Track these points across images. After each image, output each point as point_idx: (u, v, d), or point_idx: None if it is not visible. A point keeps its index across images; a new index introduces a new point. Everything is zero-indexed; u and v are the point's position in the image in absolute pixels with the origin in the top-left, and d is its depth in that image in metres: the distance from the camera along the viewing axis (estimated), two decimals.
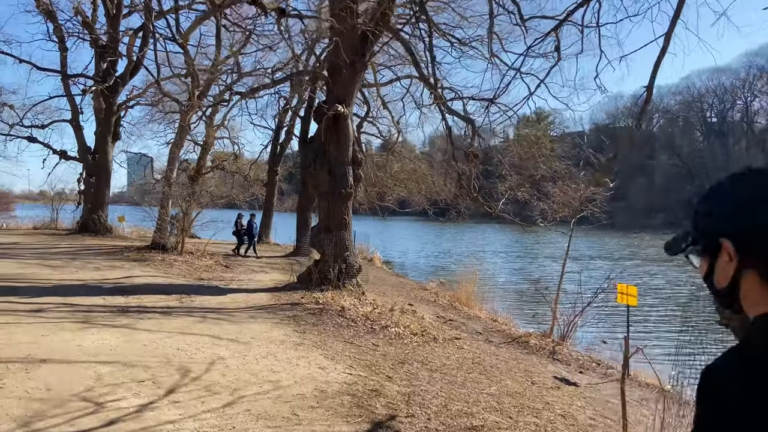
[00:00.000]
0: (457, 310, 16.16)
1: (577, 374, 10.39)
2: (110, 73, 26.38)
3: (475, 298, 18.50)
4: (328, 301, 12.36)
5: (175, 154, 19.33)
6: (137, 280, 13.42)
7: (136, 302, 10.86)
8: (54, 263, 15.31)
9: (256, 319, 10.17)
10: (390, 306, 13.55)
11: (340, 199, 14.40)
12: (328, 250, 14.26)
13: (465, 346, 10.59)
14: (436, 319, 13.95)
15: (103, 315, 9.45)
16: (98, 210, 26.34)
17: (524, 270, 27.52)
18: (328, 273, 13.99)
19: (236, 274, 16.88)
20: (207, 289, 13.32)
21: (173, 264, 16.61)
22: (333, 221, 14.46)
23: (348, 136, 14.59)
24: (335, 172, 14.41)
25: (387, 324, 10.83)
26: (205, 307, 10.98)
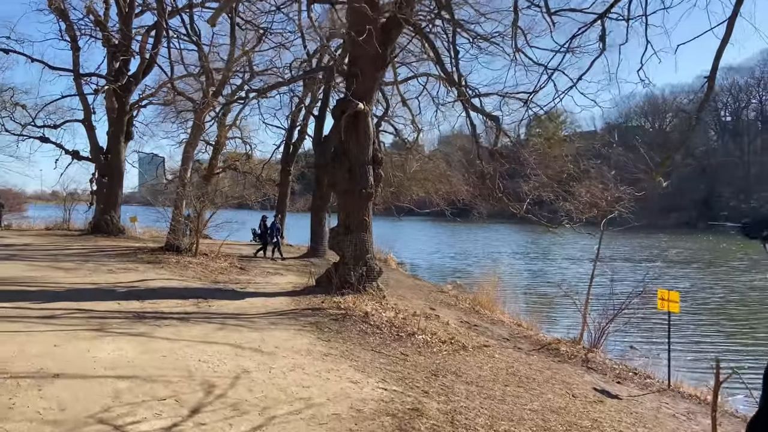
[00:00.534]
0: (479, 315, 15.59)
1: (615, 385, 9.80)
2: (123, 72, 26.00)
3: (496, 301, 17.95)
4: (350, 306, 11.84)
5: (190, 153, 18.89)
6: (152, 284, 12.95)
7: (152, 307, 10.38)
8: (66, 265, 14.89)
9: (277, 326, 9.66)
10: (412, 311, 13.01)
11: (360, 199, 13.88)
12: (348, 252, 13.74)
13: (496, 355, 10.03)
14: (460, 324, 13.40)
15: (119, 322, 8.97)
16: (111, 210, 25.99)
17: (543, 272, 26.89)
18: (349, 276, 13.47)
19: (252, 277, 16.40)
20: (224, 293, 12.83)
21: (188, 266, 16.15)
22: (353, 222, 13.94)
23: (368, 134, 14.06)
24: (355, 171, 13.89)
25: (413, 331, 10.29)
26: (223, 313, 10.48)
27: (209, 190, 19.08)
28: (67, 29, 26.86)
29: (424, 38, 14.03)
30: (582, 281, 24.28)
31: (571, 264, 29.92)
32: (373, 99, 14.32)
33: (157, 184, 41.84)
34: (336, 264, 14.17)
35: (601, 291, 20.67)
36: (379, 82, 14.48)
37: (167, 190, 35.57)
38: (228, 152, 35.68)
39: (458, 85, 13.47)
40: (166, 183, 36.07)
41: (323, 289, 13.70)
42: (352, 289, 13.35)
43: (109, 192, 26.33)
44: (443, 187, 21.52)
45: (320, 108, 27.01)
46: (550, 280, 24.48)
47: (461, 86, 13.64)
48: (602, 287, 20.80)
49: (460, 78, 13.65)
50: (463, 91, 13.68)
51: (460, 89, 13.59)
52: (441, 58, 13.88)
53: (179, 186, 18.73)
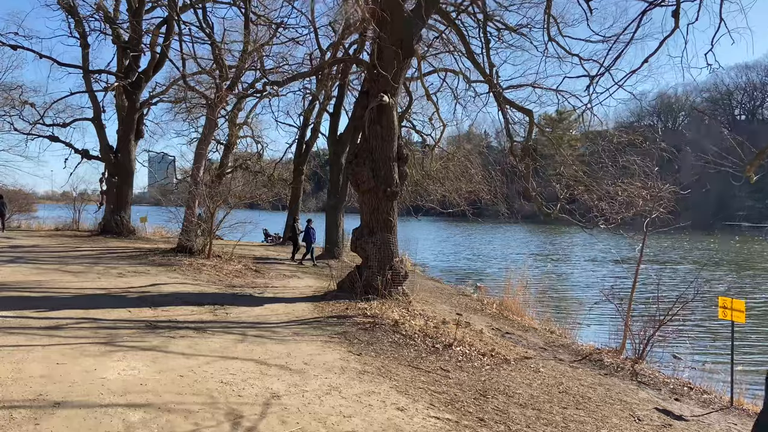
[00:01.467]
0: (509, 321, 14.65)
1: (673, 402, 8.84)
2: (133, 68, 25.22)
3: (523, 305, 17.01)
4: (377, 314, 10.94)
5: (202, 150, 18.04)
6: (165, 288, 12.10)
7: (165, 316, 9.51)
8: (74, 268, 14.07)
9: (302, 337, 8.76)
10: (441, 317, 12.10)
11: (384, 198, 12.97)
12: (372, 254, 12.84)
13: (541, 369, 9.09)
14: (492, 332, 12.47)
15: (130, 333, 8.10)
16: (121, 211, 25.22)
17: (566, 274, 25.85)
18: (374, 280, 12.57)
19: (269, 280, 15.53)
20: (241, 298, 11.95)
21: (201, 269, 15.29)
22: (377, 223, 13.04)
23: (393, 129, 13.14)
24: (379, 169, 12.98)
25: (449, 342, 9.36)
26: (242, 322, 9.60)
27: (223, 189, 18.17)
28: (76, 26, 26.14)
29: (452, 26, 13.09)
30: (607, 284, 23.28)
31: (595, 266, 28.87)
32: (398, 91, 13.39)
33: (167, 184, 41.14)
34: (359, 267, 13.26)
35: (637, 295, 19.62)
36: (405, 72, 13.55)
37: (177, 189, 34.84)
38: (239, 152, 34.91)
39: (490, 77, 12.53)
40: (177, 183, 35.32)
41: (346, 294, 12.80)
42: (377, 294, 12.45)
43: (119, 192, 25.56)
44: (464, 186, 20.54)
45: (335, 105, 26.18)
46: (575, 282, 23.47)
47: (493, 78, 12.69)
48: (634, 292, 19.72)
49: (491, 68, 12.71)
50: (494, 83, 12.74)
51: (491, 81, 12.64)
52: (471, 48, 12.93)
53: (192, 185, 17.89)
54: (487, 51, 12.48)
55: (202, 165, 18.15)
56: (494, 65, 12.84)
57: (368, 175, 12.89)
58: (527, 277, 21.18)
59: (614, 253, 35.35)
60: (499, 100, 12.82)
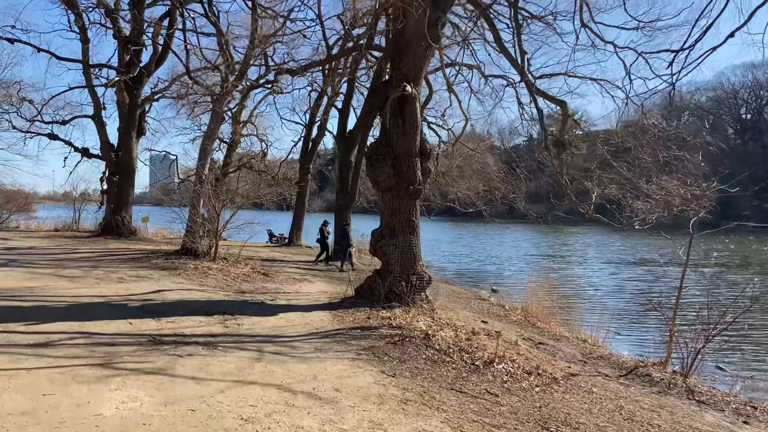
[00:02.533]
0: (538, 329, 13.59)
1: (744, 427, 7.79)
2: (134, 63, 24.15)
3: (548, 311, 15.93)
4: (402, 324, 9.89)
5: (208, 146, 16.95)
6: (169, 295, 11.02)
7: (170, 328, 8.44)
8: (71, 273, 13.00)
9: (326, 354, 7.69)
10: (470, 326, 11.04)
11: (406, 196, 11.90)
12: (393, 258, 11.77)
13: (593, 388, 8.02)
14: (524, 342, 11.41)
15: (131, 351, 7.03)
16: (122, 211, 24.14)
17: (585, 276, 24.74)
18: (396, 286, 11.50)
19: (279, 285, 14.46)
20: (253, 306, 10.87)
21: (207, 273, 14.22)
22: (398, 223, 11.97)
23: (416, 122, 12.08)
24: (401, 165, 11.92)
25: (488, 357, 8.29)
26: (257, 335, 8.53)
27: (231, 188, 17.11)
28: (75, 20, 25.03)
29: (482, 12, 12.02)
30: (631, 287, 22.19)
31: (614, 268, 27.77)
32: (420, 81, 12.33)
33: (169, 183, 40.02)
34: (378, 271, 12.19)
35: (659, 300, 18.50)
36: (429, 61, 12.48)
37: (180, 189, 33.73)
38: (242, 151, 33.81)
39: (522, 66, 11.46)
40: (179, 182, 34.19)
41: (365, 300, 11.73)
42: (399, 300, 11.39)
43: (120, 191, 24.50)
44: (480, 185, 19.45)
45: (344, 101, 25.18)
46: (597, 286, 22.37)
47: (525, 67, 11.63)
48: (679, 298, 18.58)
49: (523, 56, 11.64)
50: (526, 73, 11.67)
51: (523, 70, 11.56)
52: (500, 35, 11.86)
53: (196, 183, 16.81)
54: (518, 38, 11.42)
55: (208, 162, 17.07)
56: (526, 52, 11.77)
57: (389, 171, 11.82)
58: (549, 280, 20.16)
59: (631, 255, 34.34)
60: (531, 91, 11.76)
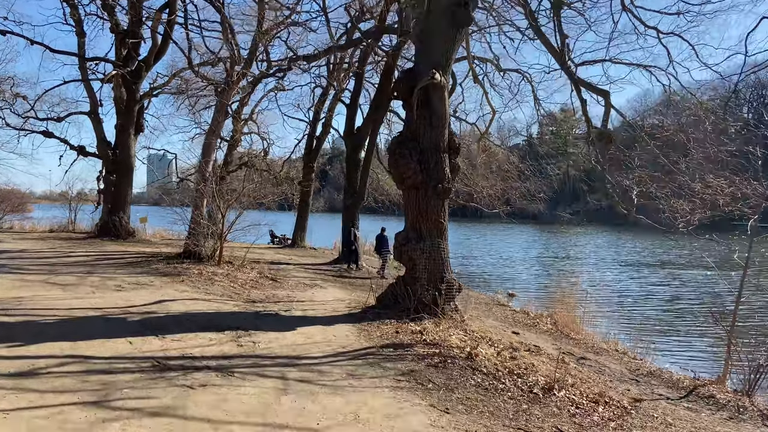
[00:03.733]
0: (573, 341, 12.42)
1: None
2: (132, 57, 22.90)
3: (576, 319, 14.77)
4: (437, 340, 8.73)
5: (212, 142, 15.73)
6: (173, 307, 9.80)
7: (177, 348, 7.24)
8: (64, 280, 11.78)
9: (360, 380, 6.51)
10: (506, 340, 9.89)
11: (434, 195, 10.72)
12: (420, 263, 10.58)
13: (669, 419, 6.87)
14: (567, 356, 10.25)
15: (131, 381, 5.84)
16: (119, 211, 22.89)
17: (608, 280, 23.54)
18: (424, 296, 10.33)
19: (290, 292, 13.27)
20: (267, 319, 9.67)
21: (213, 279, 13.01)
22: (425, 225, 10.78)
23: (444, 113, 10.90)
24: (428, 161, 10.74)
25: (546, 383, 7.11)
26: (276, 356, 7.34)
27: (235, 187, 15.91)
28: (71, 12, 23.78)
29: None
30: (655, 291, 21.01)
31: (634, 270, 26.60)
32: (449, 68, 11.14)
33: (168, 183, 38.77)
34: (403, 278, 11.00)
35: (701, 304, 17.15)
36: (458, 46, 11.31)
37: (178, 188, 32.47)
38: (243, 150, 32.54)
39: (562, 51, 10.30)
40: (178, 182, 32.92)
41: (390, 311, 10.53)
42: (428, 311, 10.21)
43: (118, 190, 23.25)
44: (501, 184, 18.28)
45: (351, 96, 23.93)
46: (620, 289, 21.20)
47: (565, 52, 10.46)
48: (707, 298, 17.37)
49: (563, 40, 10.46)
50: (566, 59, 10.51)
51: (563, 56, 10.40)
52: (535, 16, 10.69)
53: (199, 182, 15.60)
54: (557, 20, 10.26)
55: (212, 158, 15.85)
56: (567, 36, 10.59)
57: (415, 168, 10.63)
58: (572, 284, 19.03)
59: (649, 257, 33.24)
60: (573, 79, 10.59)
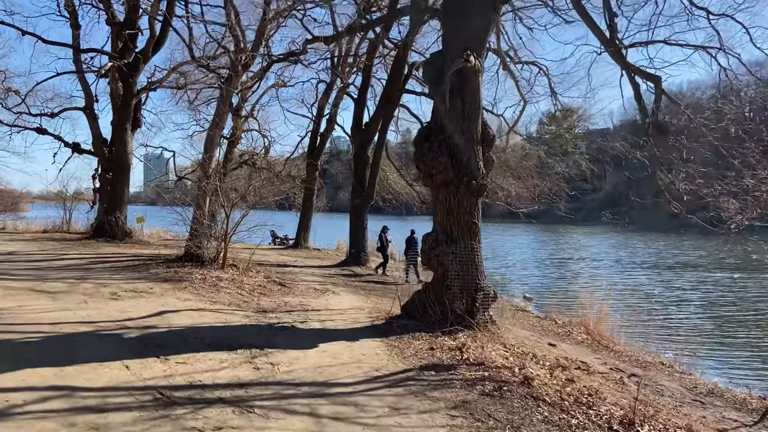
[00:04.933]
0: (615, 353, 11.27)
1: None
2: (129, 48, 21.66)
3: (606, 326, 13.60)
4: (478, 357, 7.57)
5: (215, 136, 14.51)
6: (176, 319, 8.59)
7: (183, 374, 6.05)
8: (54, 287, 10.55)
9: (408, 417, 5.33)
10: (553, 357, 8.75)
11: (467, 193, 9.56)
12: (452, 269, 9.42)
13: None
14: (614, 372, 9.11)
15: (129, 425, 4.64)
16: (116, 210, 21.61)
17: (629, 283, 22.36)
18: (457, 305, 9.17)
19: (302, 298, 12.08)
20: (282, 333, 8.47)
21: (218, 285, 11.81)
22: (457, 226, 9.62)
23: (478, 102, 9.75)
24: (460, 155, 9.58)
25: (623, 415, 5.93)
26: (301, 382, 6.15)
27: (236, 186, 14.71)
28: (66, 3, 22.54)
29: None
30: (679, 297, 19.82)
31: (654, 272, 25.47)
32: (484, 51, 9.97)
33: (166, 182, 37.41)
34: (432, 285, 9.83)
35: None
36: (495, 24, 10.15)
37: (177, 187, 31.19)
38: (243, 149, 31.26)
39: (612, 27, 9.14)
40: (176, 180, 31.61)
41: (418, 322, 9.36)
42: (461, 323, 9.05)
43: (114, 189, 22.00)
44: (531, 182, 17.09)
45: (360, 90, 22.71)
46: (646, 292, 20.04)
47: (615, 33, 9.30)
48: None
49: (612, 19, 9.30)
50: (614, 39, 9.34)
51: (613, 36, 9.24)
52: None
53: (202, 179, 14.40)
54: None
55: (214, 154, 14.64)
56: (616, 15, 9.43)
57: (446, 162, 9.46)
58: (597, 288, 17.88)
59: (661, 257, 32.18)
60: (623, 62, 9.42)
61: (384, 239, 18.51)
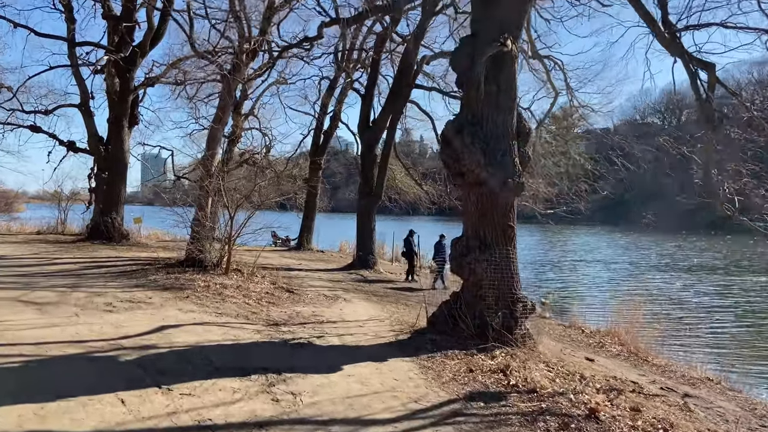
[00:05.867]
0: (657, 368, 10.24)
1: None
2: (126, 42, 20.58)
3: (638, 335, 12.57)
4: (528, 383, 6.55)
5: (217, 132, 13.44)
6: (179, 336, 7.53)
7: (189, 411, 5.00)
8: (43, 296, 9.49)
9: None
10: (602, 377, 7.73)
11: (503, 193, 8.54)
12: (486, 279, 8.38)
13: None
14: (666, 392, 8.09)
15: None
16: (112, 211, 20.55)
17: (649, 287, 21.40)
18: (492, 318, 8.14)
19: (314, 307, 11.04)
20: (300, 352, 7.42)
21: (223, 293, 10.74)
22: (491, 231, 8.58)
23: (514, 91, 8.73)
24: (494, 150, 8.55)
25: None
26: (328, 418, 5.11)
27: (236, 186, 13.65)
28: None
29: None
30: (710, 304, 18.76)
31: (673, 275, 24.52)
32: (521, 33, 8.94)
33: (164, 181, 36.25)
34: (461, 295, 8.80)
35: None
36: (531, 7, 9.12)
37: (175, 187, 30.10)
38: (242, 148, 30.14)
39: (663, 5, 8.13)
40: (174, 180, 30.49)
41: (448, 338, 8.33)
42: (498, 337, 8.02)
43: (110, 189, 20.95)
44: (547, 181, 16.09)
45: (367, 86, 21.55)
46: (666, 297, 19.08)
47: (665, 13, 8.30)
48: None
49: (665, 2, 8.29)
50: (667, 21, 8.34)
51: (666, 19, 8.24)
52: None
53: (204, 178, 13.34)
54: None
55: (217, 151, 13.58)
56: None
57: (479, 159, 8.43)
58: (620, 292, 16.93)
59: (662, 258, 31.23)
60: (677, 47, 8.42)
61: (411, 243, 17.46)
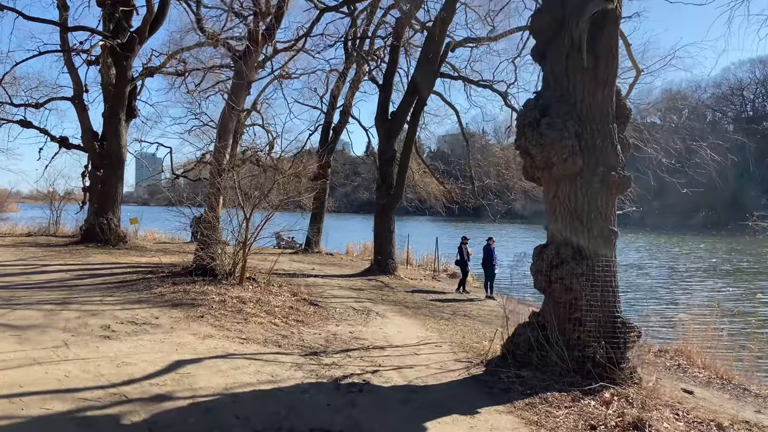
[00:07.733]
0: (761, 398, 8.52)
1: None
2: (123, 27, 18.66)
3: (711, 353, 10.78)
4: None
5: (228, 123, 11.58)
6: (200, 379, 5.63)
7: None
8: (25, 317, 7.58)
9: None
10: (746, 428, 5.93)
11: (603, 189, 6.72)
12: (582, 296, 6.55)
13: None
14: None
15: None
16: (108, 211, 18.59)
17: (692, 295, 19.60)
18: (594, 348, 6.31)
19: (348, 326, 9.19)
20: (359, 400, 5.56)
21: (243, 310, 8.84)
22: (588, 235, 6.74)
23: (615, 62, 6.91)
24: (590, 136, 6.73)
25: None
26: None
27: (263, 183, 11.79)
28: None
29: None
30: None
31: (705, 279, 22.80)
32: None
33: (162, 180, 34.25)
34: (552, 317, 6.95)
35: None
36: None
37: (173, 186, 28.18)
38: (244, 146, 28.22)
39: None
40: (173, 179, 28.53)
41: (536, 372, 6.48)
42: (600, 373, 6.20)
43: (106, 187, 19.00)
44: None
45: (385, 75, 19.57)
46: (715, 305, 17.29)
47: None
48: None
49: None
50: None
51: None
52: None
53: (214, 174, 11.46)
54: None
55: (229, 143, 11.71)
56: None
57: (571, 147, 6.61)
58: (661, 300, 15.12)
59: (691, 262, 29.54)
60: None
61: (464, 252, 15.72)
